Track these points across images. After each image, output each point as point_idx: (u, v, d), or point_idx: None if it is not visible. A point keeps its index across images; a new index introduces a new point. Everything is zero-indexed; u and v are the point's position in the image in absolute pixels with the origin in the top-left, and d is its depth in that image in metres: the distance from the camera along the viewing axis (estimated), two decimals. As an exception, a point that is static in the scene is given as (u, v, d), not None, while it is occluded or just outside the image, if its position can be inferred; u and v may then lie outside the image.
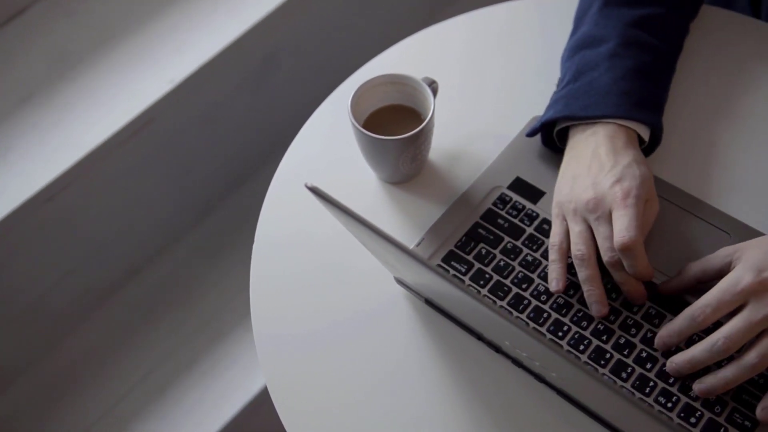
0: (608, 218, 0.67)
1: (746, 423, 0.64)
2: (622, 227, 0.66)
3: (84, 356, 1.23)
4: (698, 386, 0.64)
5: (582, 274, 0.68)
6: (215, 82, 1.19)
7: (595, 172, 0.70)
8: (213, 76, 1.16)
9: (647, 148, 0.76)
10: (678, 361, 0.64)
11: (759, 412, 0.63)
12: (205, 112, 1.23)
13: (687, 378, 0.66)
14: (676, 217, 0.75)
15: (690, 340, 0.67)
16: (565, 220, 0.70)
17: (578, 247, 0.68)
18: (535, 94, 0.82)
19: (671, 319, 0.68)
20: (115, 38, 1.16)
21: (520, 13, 0.92)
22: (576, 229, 0.69)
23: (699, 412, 0.65)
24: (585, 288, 0.68)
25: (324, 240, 0.77)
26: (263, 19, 1.17)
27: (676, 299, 0.69)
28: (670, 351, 0.67)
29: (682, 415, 0.65)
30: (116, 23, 1.17)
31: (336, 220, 0.61)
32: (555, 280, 0.69)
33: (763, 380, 0.66)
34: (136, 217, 1.25)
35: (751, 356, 0.61)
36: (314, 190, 0.55)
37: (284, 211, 0.80)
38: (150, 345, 1.24)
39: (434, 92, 0.76)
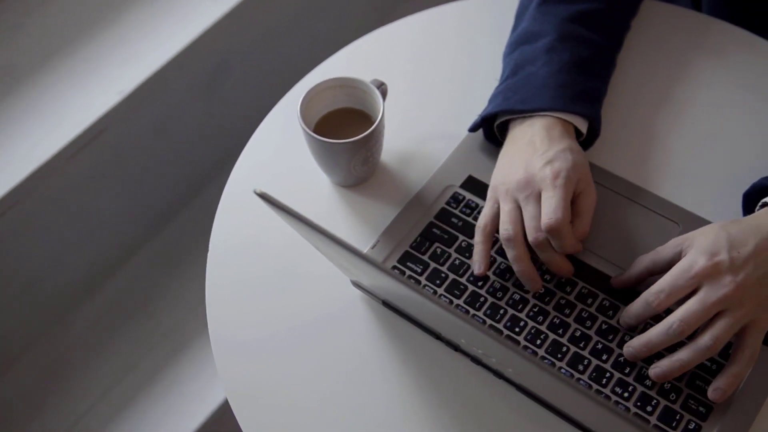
0: (537, 198, 0.68)
1: (701, 409, 0.65)
2: (549, 209, 0.67)
3: (43, 374, 1.21)
4: (654, 371, 0.65)
5: (510, 253, 0.69)
6: (166, 91, 1.18)
7: (529, 155, 0.71)
8: (163, 86, 1.15)
9: (586, 140, 0.77)
10: (635, 345, 0.65)
11: (710, 392, 0.64)
12: (157, 122, 1.22)
13: (643, 367, 0.67)
14: (624, 207, 0.76)
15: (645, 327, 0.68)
16: (497, 203, 0.71)
17: (505, 227, 0.69)
18: (486, 92, 0.82)
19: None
20: (61, 51, 1.14)
21: (470, 12, 0.93)
22: (505, 209, 0.70)
23: (655, 401, 0.66)
24: (515, 267, 0.69)
25: (279, 246, 0.76)
26: (212, 27, 1.16)
27: (630, 291, 0.70)
28: (625, 342, 0.68)
29: (638, 404, 0.66)
30: (62, 35, 1.16)
31: (289, 225, 0.61)
32: (477, 263, 0.70)
33: (716, 366, 0.67)
34: (89, 231, 1.23)
35: (705, 339, 0.62)
36: (263, 197, 0.54)
37: (238, 218, 0.79)
38: (110, 360, 1.23)
39: (383, 94, 0.77)
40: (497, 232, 0.71)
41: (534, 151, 0.70)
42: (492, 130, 0.78)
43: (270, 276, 0.75)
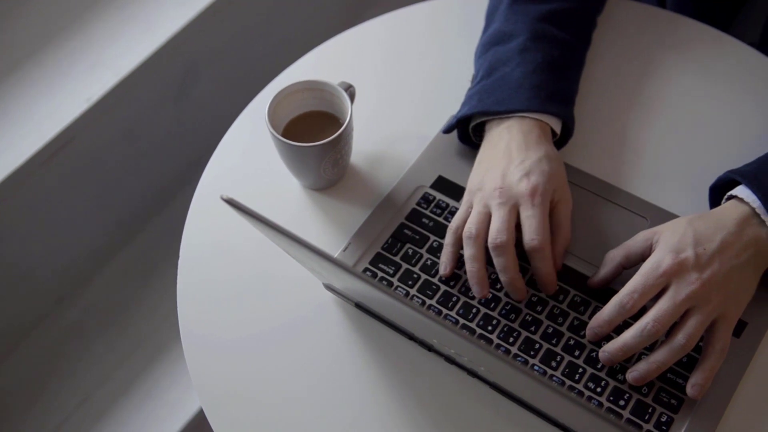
0: (510, 207, 0.68)
1: (672, 401, 0.66)
2: (531, 230, 0.67)
3: (17, 386, 1.20)
4: (631, 375, 0.65)
5: (467, 252, 0.69)
6: (135, 97, 1.17)
7: (506, 164, 0.71)
8: (132, 92, 1.14)
9: (560, 140, 0.77)
10: (610, 349, 0.65)
11: (689, 389, 0.64)
12: (127, 128, 1.21)
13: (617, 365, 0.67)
14: (594, 205, 0.76)
15: (618, 328, 0.68)
16: (472, 207, 0.71)
17: (469, 226, 0.69)
18: (456, 92, 0.83)
19: (597, 306, 0.70)
20: (27, 58, 1.13)
21: (439, 13, 0.93)
22: (476, 211, 0.70)
23: (627, 395, 0.66)
24: (468, 266, 0.69)
25: (250, 250, 0.76)
26: (180, 31, 1.16)
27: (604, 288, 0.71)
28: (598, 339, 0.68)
29: (611, 398, 0.66)
30: (28, 43, 1.14)
31: (258, 230, 0.61)
32: (444, 264, 0.71)
33: (687, 359, 0.67)
34: (60, 240, 1.22)
35: (678, 338, 0.63)
36: (230, 202, 0.54)
37: (208, 223, 0.79)
38: (85, 370, 1.21)
39: (351, 96, 0.76)
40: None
41: (511, 160, 0.71)
42: (467, 131, 0.78)
43: (242, 281, 0.75)
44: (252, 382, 0.70)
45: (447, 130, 0.78)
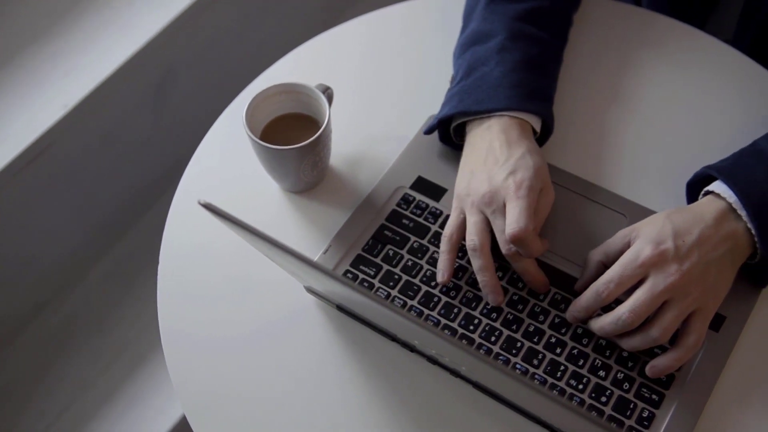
0: (503, 211, 0.69)
1: (654, 397, 0.66)
2: (512, 219, 0.67)
3: (-3, 397, 1.19)
4: (621, 341, 0.66)
5: (476, 263, 0.69)
6: (112, 102, 1.16)
7: (491, 165, 0.71)
8: (109, 97, 1.13)
9: (539, 138, 0.77)
10: (592, 326, 0.67)
11: (648, 368, 0.66)
12: (105, 134, 1.20)
13: (596, 359, 0.68)
14: (574, 203, 0.77)
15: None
16: (463, 213, 0.71)
17: (471, 237, 0.69)
18: (433, 93, 0.83)
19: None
20: (2, 65, 1.12)
21: (416, 13, 0.93)
22: (472, 220, 0.70)
23: (609, 391, 0.66)
24: (479, 278, 0.69)
25: (230, 254, 0.76)
26: (156, 36, 1.15)
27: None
28: (578, 335, 0.69)
29: (593, 395, 0.66)
30: (2, 49, 1.13)
31: (237, 235, 0.61)
32: (441, 272, 0.71)
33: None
34: (40, 247, 1.21)
35: (653, 330, 0.63)
36: (208, 207, 0.54)
37: (188, 228, 0.78)
38: (67, 378, 1.20)
39: (329, 98, 0.76)
40: (463, 240, 0.71)
41: (495, 162, 0.71)
42: (448, 132, 0.78)
43: (222, 285, 0.74)
44: (234, 387, 0.69)
45: (428, 132, 0.78)
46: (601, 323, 0.65)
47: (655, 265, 0.64)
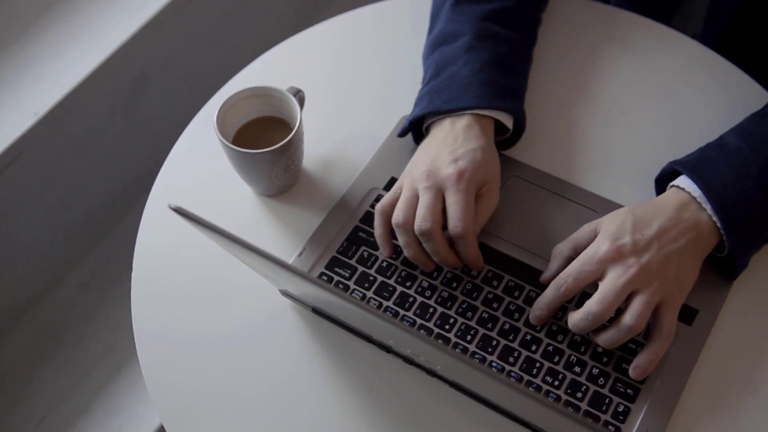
0: (436, 191, 0.69)
1: (629, 391, 0.67)
2: (456, 217, 0.68)
3: (-28, 409, 1.17)
4: (598, 337, 0.66)
5: (400, 239, 0.70)
6: (84, 110, 1.15)
7: (438, 150, 0.72)
8: (80, 105, 1.12)
9: (513, 135, 0.78)
10: (567, 323, 0.67)
11: (631, 370, 0.66)
12: (77, 142, 1.19)
13: (572, 355, 0.68)
14: (544, 200, 0.77)
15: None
16: (401, 189, 0.72)
17: (398, 213, 0.70)
18: (405, 94, 0.83)
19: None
20: (-30, 73, 1.11)
21: (386, 15, 0.93)
22: (405, 195, 0.71)
23: (584, 387, 0.67)
24: (405, 252, 0.71)
25: (204, 259, 0.75)
26: (127, 42, 1.14)
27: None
28: (553, 332, 0.69)
29: (568, 391, 0.67)
30: (-29, 58, 1.12)
31: (209, 239, 0.60)
32: (381, 247, 0.72)
33: (640, 348, 0.68)
34: (12, 258, 1.20)
35: (626, 318, 0.64)
36: (179, 211, 0.53)
37: (161, 234, 0.78)
38: (42, 390, 1.19)
39: (301, 101, 0.76)
40: None
41: (444, 147, 0.72)
42: (421, 133, 0.78)
43: (197, 291, 0.74)
44: (211, 393, 0.69)
45: (401, 134, 0.79)
46: (573, 320, 0.66)
47: (612, 260, 0.64)
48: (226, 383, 0.69)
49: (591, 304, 0.64)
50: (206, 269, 0.75)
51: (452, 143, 0.72)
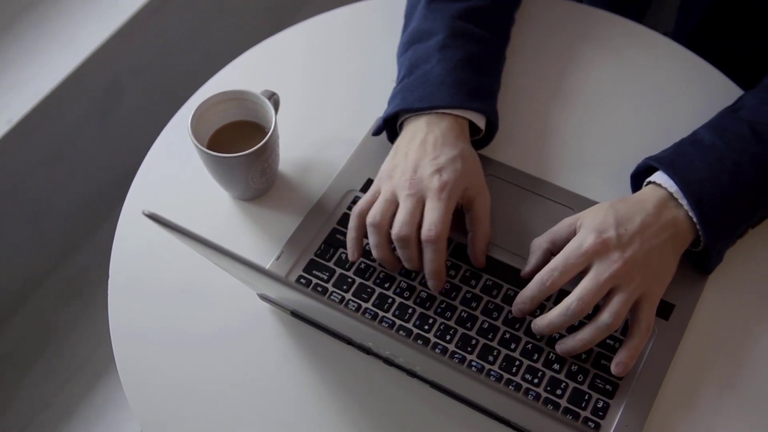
0: (417, 200, 0.69)
1: (608, 387, 0.67)
2: (431, 221, 0.68)
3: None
4: (559, 347, 0.67)
5: (372, 239, 0.70)
6: (58, 116, 1.14)
7: (420, 156, 0.71)
8: (55, 111, 1.11)
9: (485, 135, 0.78)
10: (539, 324, 0.67)
11: (613, 367, 0.66)
12: (51, 149, 1.18)
13: (551, 352, 0.68)
14: (520, 198, 0.77)
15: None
16: (379, 193, 0.72)
17: (374, 213, 0.70)
18: (381, 94, 0.83)
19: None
20: (-58, 82, 1.10)
21: (360, 16, 0.93)
22: (382, 198, 0.70)
23: (564, 383, 0.67)
24: (374, 253, 0.70)
25: (181, 265, 0.75)
26: (101, 47, 1.14)
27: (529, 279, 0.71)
28: (529, 329, 0.69)
29: (548, 388, 0.67)
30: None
31: (185, 245, 0.60)
32: (350, 251, 0.72)
33: (618, 344, 0.69)
34: (-11, 267, 1.19)
35: (604, 316, 0.64)
36: (152, 217, 0.53)
37: (137, 240, 0.77)
38: (22, 399, 1.18)
39: (275, 104, 0.76)
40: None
41: (425, 154, 0.71)
42: (395, 131, 0.78)
43: (175, 296, 0.74)
44: (190, 398, 0.69)
45: (376, 133, 0.79)
46: (550, 317, 0.66)
47: (598, 253, 0.65)
48: (206, 388, 0.69)
49: (571, 300, 0.64)
50: (183, 274, 0.75)
51: (433, 149, 0.71)
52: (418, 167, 0.70)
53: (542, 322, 0.67)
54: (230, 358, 0.70)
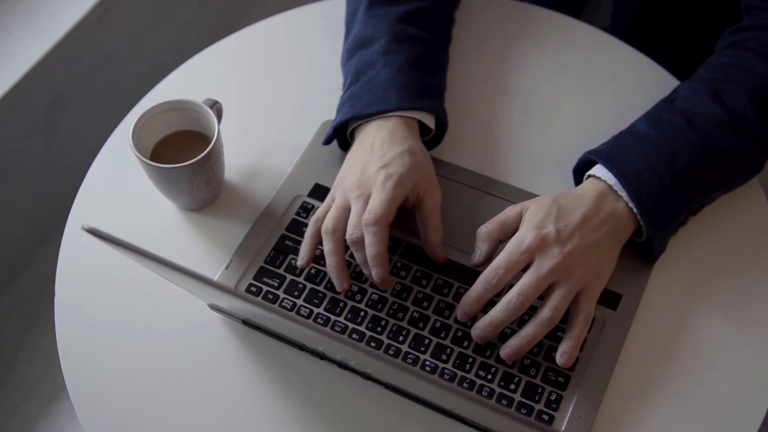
0: (366, 199, 0.69)
1: (560, 379, 0.68)
2: (372, 206, 0.68)
3: None
4: (504, 351, 0.67)
5: (326, 246, 0.69)
6: (-1, 133, 1.12)
7: (367, 158, 0.72)
8: (-5, 128, 1.09)
9: (436, 135, 0.78)
10: (481, 326, 0.67)
11: (558, 358, 0.67)
12: (-7, 167, 1.16)
13: (499, 350, 0.69)
14: (469, 197, 0.78)
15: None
16: (334, 200, 0.72)
17: (327, 221, 0.70)
18: (325, 98, 0.83)
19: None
20: None
21: (299, 22, 0.93)
22: (335, 205, 0.70)
23: (517, 378, 0.68)
24: (327, 260, 0.69)
25: (128, 279, 0.74)
26: (40, 61, 1.12)
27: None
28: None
29: (502, 383, 0.68)
30: None
31: (129, 259, 0.59)
32: (301, 257, 0.71)
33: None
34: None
35: (544, 311, 0.65)
36: (92, 232, 0.52)
37: (82, 256, 0.76)
38: (-26, 424, 1.15)
39: (218, 112, 0.76)
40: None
41: (372, 155, 0.71)
42: (346, 138, 0.78)
43: (124, 311, 0.73)
44: (145, 416, 0.68)
45: (326, 141, 0.78)
46: (492, 314, 0.66)
47: (538, 249, 0.65)
48: (160, 403, 0.68)
49: (512, 295, 0.65)
50: (131, 290, 0.73)
51: (380, 149, 0.71)
52: (366, 168, 0.70)
53: (484, 321, 0.66)
54: (182, 369, 0.69)
